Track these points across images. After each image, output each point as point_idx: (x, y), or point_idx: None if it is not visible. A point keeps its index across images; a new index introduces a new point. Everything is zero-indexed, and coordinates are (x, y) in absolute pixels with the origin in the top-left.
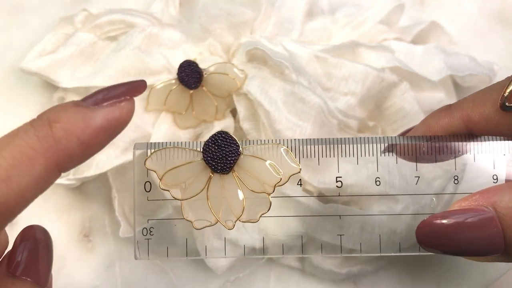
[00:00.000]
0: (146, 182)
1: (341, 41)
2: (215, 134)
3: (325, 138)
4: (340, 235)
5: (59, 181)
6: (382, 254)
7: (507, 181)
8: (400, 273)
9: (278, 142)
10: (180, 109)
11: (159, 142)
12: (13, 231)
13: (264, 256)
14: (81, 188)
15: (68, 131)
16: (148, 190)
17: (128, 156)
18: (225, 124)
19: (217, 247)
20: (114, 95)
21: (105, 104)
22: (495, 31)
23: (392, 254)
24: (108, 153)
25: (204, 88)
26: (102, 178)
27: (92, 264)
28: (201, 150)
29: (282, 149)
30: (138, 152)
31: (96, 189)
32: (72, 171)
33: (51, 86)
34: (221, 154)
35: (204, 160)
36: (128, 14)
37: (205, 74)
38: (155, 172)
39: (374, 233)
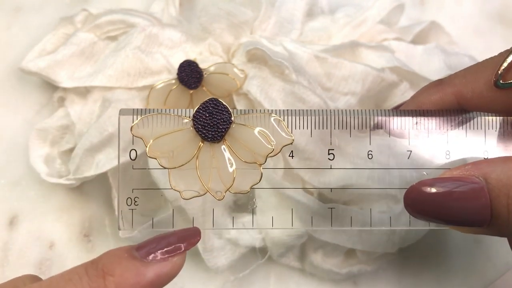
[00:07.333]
0: (131, 150)
1: (341, 41)
2: (206, 101)
3: (318, 110)
4: (340, 234)
5: (59, 181)
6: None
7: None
8: (400, 273)
9: (270, 111)
10: None
11: (146, 108)
12: (13, 231)
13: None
14: (81, 188)
15: (119, 285)
16: (133, 158)
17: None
18: None
19: (217, 247)
20: (168, 244)
21: (158, 257)
22: (495, 31)
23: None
24: (108, 153)
25: (204, 88)
26: (102, 178)
27: None
28: (191, 118)
29: (272, 118)
30: (123, 117)
31: (96, 189)
32: (72, 171)
33: (51, 86)
34: (212, 122)
35: (194, 128)
36: (128, 14)
37: (205, 74)
38: (142, 139)
39: (373, 233)
